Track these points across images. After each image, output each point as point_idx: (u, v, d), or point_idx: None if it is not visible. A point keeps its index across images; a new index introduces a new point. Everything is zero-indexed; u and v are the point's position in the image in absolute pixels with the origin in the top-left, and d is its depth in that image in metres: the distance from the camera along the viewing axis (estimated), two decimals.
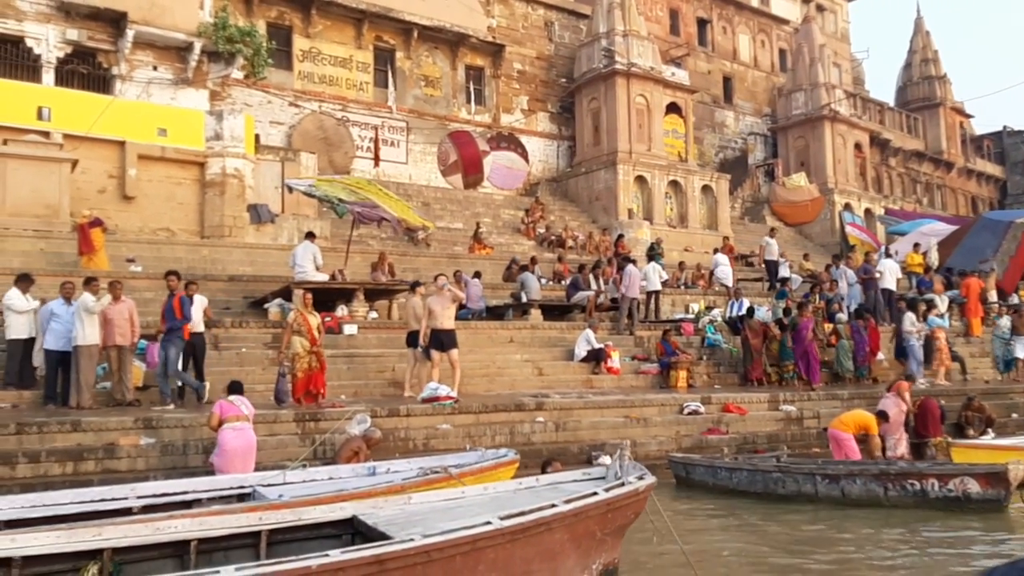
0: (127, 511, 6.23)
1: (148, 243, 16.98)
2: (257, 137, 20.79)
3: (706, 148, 33.18)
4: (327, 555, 3.75)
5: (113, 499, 6.37)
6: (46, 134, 17.06)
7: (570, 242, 22.97)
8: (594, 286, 15.32)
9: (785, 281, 17.11)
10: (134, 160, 17.99)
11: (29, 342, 10.12)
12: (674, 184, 26.70)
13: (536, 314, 14.40)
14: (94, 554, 4.56)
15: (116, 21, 18.58)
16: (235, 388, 8.09)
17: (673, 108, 28.02)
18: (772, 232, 21.47)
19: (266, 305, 12.89)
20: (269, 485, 6.66)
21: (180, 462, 8.39)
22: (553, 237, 23.18)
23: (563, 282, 17.45)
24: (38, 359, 10.04)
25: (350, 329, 12.38)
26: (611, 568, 4.90)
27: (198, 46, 19.20)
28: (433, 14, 25.15)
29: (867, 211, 31.77)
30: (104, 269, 14.70)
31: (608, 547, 4.81)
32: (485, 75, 26.92)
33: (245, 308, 13.93)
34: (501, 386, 12.50)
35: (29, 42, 18.10)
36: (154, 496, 6.49)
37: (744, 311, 14.79)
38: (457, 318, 14.26)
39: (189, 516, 4.89)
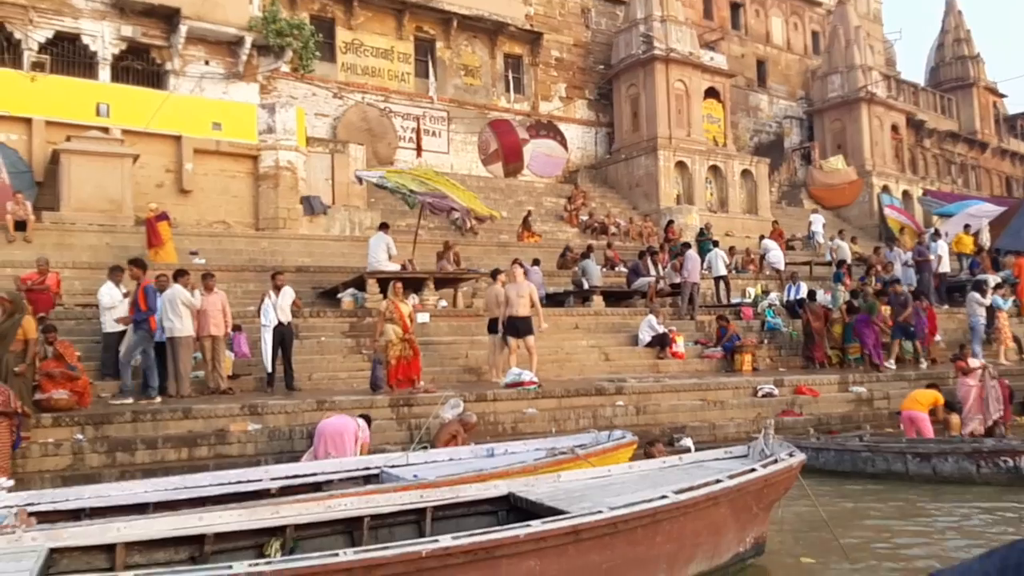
0: (266, 492, 6.51)
1: (208, 236, 17.29)
2: None
3: (740, 132, 33.10)
4: (529, 525, 3.95)
5: (249, 481, 6.65)
6: (105, 130, 17.36)
7: (613, 229, 23.11)
8: (652, 272, 15.47)
9: (841, 264, 17.18)
10: (190, 154, 18.30)
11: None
12: (714, 169, 26.74)
13: (598, 300, 14.58)
14: (274, 531, 4.81)
15: (169, 17, 18.85)
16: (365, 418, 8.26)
17: (710, 93, 27.99)
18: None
19: (339, 295, 13.14)
20: (394, 466, 6.91)
21: (286, 447, 8.66)
22: (596, 224, 23.32)
23: (616, 268, 17.62)
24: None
25: (422, 318, 12.58)
26: (761, 541, 5.09)
27: (249, 40, 19.45)
28: (472, 3, 25.24)
29: (905, 193, 31.63)
30: (172, 262, 15.04)
31: (759, 521, 5.01)
32: (523, 63, 27.02)
33: (315, 298, 14.20)
34: (571, 371, 12.71)
35: (85, 39, 18.41)
36: (287, 478, 6.76)
37: (802, 295, 14.89)
38: None
39: (357, 495, 5.13)
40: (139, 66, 19.11)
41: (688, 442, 10.03)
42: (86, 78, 18.30)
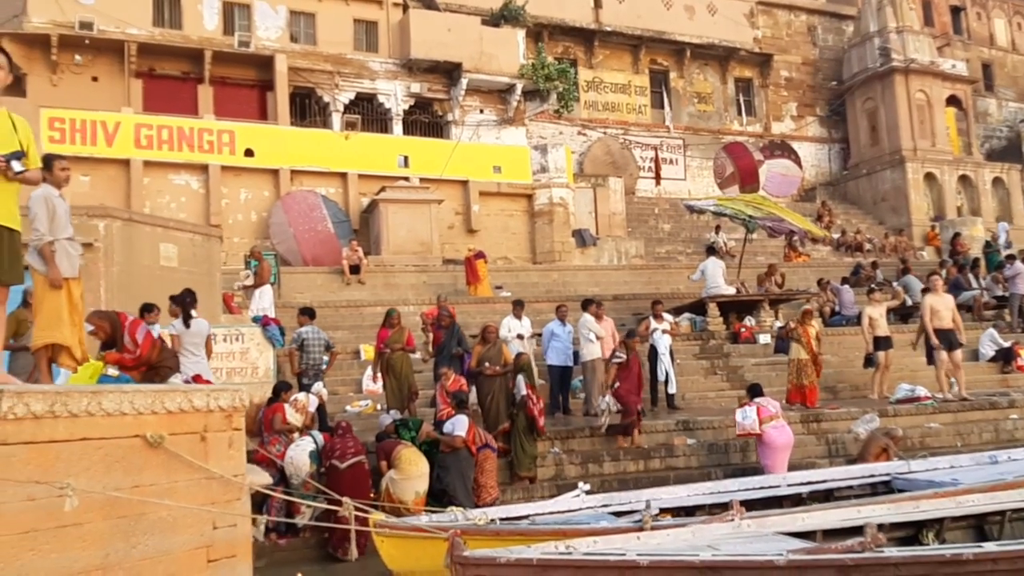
0: (797, 496, 7.10)
1: (505, 271, 18.52)
2: None
3: (971, 139, 31.67)
4: None
5: (771, 487, 7.27)
6: (405, 179, 19.12)
7: (868, 245, 22.78)
8: (975, 285, 15.23)
9: None
10: (476, 196, 19.80)
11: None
12: (962, 179, 25.79)
13: None
14: (922, 524, 5.34)
15: (450, 72, 20.56)
16: (757, 391, 8.86)
17: (950, 101, 27.08)
18: None
19: (676, 319, 13.78)
20: (899, 475, 7.34)
21: (723, 460, 9.30)
22: (850, 242, 23.04)
23: None
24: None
25: (764, 339, 13.05)
26: None
27: (519, 87, 20.90)
28: (702, 32, 25.80)
29: None
30: (488, 295, 16.35)
31: None
32: (754, 86, 27.25)
33: (635, 323, 14.94)
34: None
35: (381, 98, 20.38)
36: (800, 485, 7.32)
37: None
38: (830, 324, 14.76)
39: (982, 491, 5.61)
40: (425, 119, 20.93)
41: None
42: (382, 133, 20.27)
